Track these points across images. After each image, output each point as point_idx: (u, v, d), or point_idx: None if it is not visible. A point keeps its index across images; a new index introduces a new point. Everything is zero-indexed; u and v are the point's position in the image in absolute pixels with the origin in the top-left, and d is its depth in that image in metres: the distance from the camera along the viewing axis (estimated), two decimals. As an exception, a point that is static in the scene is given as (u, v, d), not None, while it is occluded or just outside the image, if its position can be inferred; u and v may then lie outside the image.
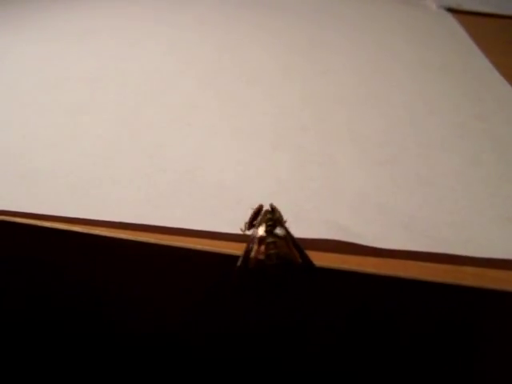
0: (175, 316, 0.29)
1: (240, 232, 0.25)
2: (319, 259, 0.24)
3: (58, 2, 0.58)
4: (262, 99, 0.38)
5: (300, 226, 0.25)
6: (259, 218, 0.24)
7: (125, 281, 0.28)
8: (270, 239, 0.22)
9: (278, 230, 0.23)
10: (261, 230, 0.23)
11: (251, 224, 0.24)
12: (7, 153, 0.31)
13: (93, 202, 0.27)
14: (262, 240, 0.22)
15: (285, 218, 0.25)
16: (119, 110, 0.36)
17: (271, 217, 0.23)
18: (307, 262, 0.23)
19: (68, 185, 0.28)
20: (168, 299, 0.28)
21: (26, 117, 0.35)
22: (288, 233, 0.23)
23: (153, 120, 0.35)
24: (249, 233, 0.24)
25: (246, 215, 0.25)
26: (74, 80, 0.40)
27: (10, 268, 0.29)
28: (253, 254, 0.22)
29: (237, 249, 0.24)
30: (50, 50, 0.46)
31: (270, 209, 0.24)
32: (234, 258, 0.24)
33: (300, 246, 0.23)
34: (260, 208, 0.24)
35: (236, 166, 0.30)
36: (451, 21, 0.57)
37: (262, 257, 0.22)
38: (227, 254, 0.24)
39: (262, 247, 0.22)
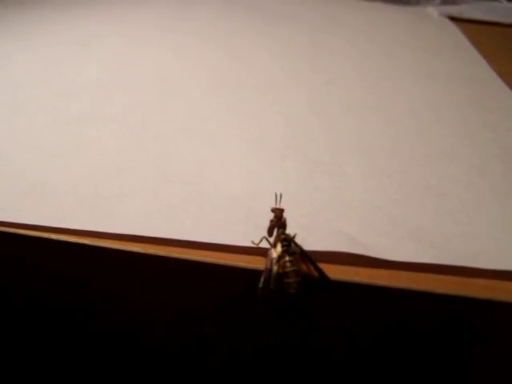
0: (185, 329, 0.28)
1: (251, 245, 0.24)
2: (331, 272, 0.23)
3: (61, 9, 0.58)
4: (269, 107, 0.38)
5: (311, 238, 0.25)
6: (274, 238, 0.24)
7: (135, 294, 0.27)
8: (286, 258, 0.22)
9: (292, 246, 0.23)
10: (277, 250, 0.23)
11: (273, 230, 0.24)
12: (13, 164, 0.31)
13: (101, 214, 0.27)
14: (279, 259, 0.23)
15: (296, 229, 0.25)
16: (125, 119, 0.36)
17: (285, 237, 0.23)
18: (322, 276, 0.23)
19: (75, 197, 0.28)
20: (178, 312, 0.27)
21: (31, 127, 0.35)
22: (302, 249, 0.24)
23: (160, 129, 0.35)
24: (270, 239, 0.24)
25: (257, 227, 0.25)
26: (79, 88, 0.40)
27: (17, 281, 0.28)
28: (273, 274, 0.22)
29: (248, 262, 0.24)
30: (54, 57, 0.46)
31: (282, 228, 0.24)
32: (246, 271, 0.24)
33: (314, 261, 0.23)
34: (281, 214, 0.24)
35: (245, 176, 0.30)
36: (453, 29, 0.58)
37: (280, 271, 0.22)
38: (238, 267, 0.24)
39: (281, 266, 0.22)
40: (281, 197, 0.25)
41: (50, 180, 0.29)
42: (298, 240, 0.24)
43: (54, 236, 0.25)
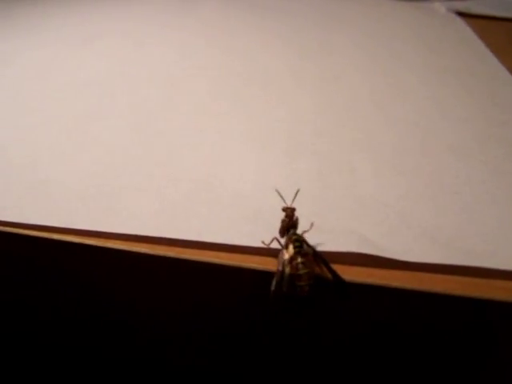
0: (194, 331, 0.28)
1: (261, 245, 0.24)
2: (343, 272, 0.23)
3: (64, 5, 0.57)
4: (274, 105, 0.38)
5: (323, 238, 0.24)
6: (285, 239, 0.23)
7: (141, 295, 0.27)
8: (299, 259, 0.22)
9: (304, 247, 0.22)
10: (289, 251, 0.22)
11: (286, 231, 0.23)
12: (15, 163, 0.30)
13: (105, 214, 0.26)
14: (291, 261, 0.22)
15: (307, 228, 0.24)
16: (129, 116, 0.36)
17: (297, 238, 0.23)
18: (337, 277, 0.22)
19: (79, 195, 0.27)
20: (186, 314, 0.27)
21: (34, 125, 0.34)
22: (314, 250, 0.23)
23: (164, 126, 0.34)
24: (281, 240, 0.23)
25: (266, 227, 0.24)
26: (81, 86, 0.40)
27: (19, 281, 0.28)
28: (285, 276, 0.22)
29: (258, 263, 0.23)
30: (56, 54, 0.45)
31: (294, 228, 0.23)
32: (256, 272, 0.23)
33: (327, 262, 0.23)
34: (292, 213, 0.23)
35: (253, 174, 0.29)
36: (461, 24, 0.57)
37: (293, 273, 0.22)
38: (248, 268, 0.23)
39: (293, 268, 0.22)
40: (296, 194, 0.24)
41: (53, 178, 0.29)
42: (309, 240, 0.23)
43: (55, 236, 0.25)
